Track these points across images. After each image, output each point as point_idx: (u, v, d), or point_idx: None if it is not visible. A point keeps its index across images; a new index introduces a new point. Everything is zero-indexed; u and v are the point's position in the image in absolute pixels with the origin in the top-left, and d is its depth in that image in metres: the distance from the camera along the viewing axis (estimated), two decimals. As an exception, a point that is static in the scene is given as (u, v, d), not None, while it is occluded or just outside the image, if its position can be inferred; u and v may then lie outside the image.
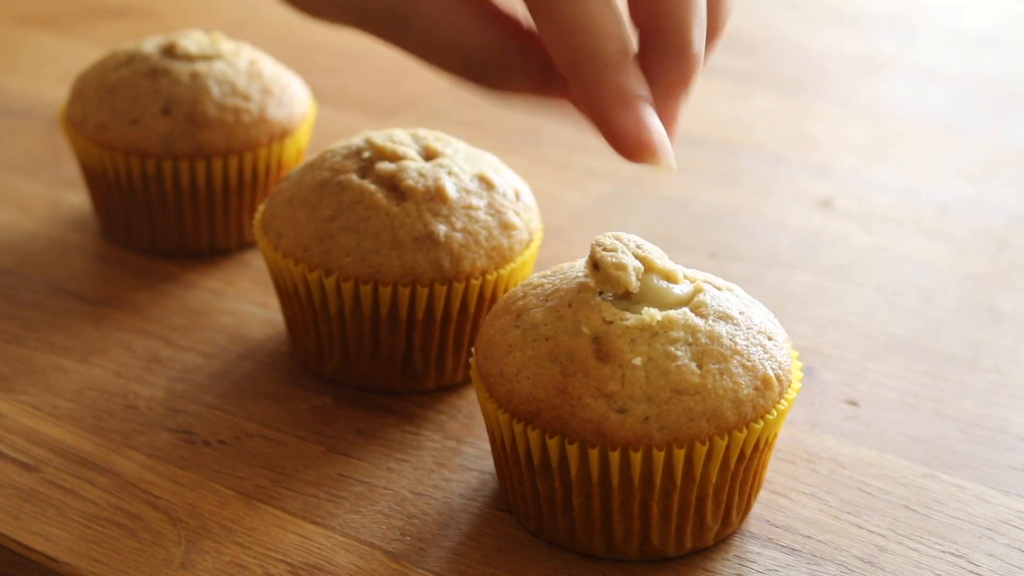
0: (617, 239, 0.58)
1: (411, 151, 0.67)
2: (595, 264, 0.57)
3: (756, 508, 0.61)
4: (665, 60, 0.52)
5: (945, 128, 0.95)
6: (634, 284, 0.57)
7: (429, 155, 0.67)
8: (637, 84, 0.51)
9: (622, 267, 0.57)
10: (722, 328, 0.57)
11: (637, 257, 0.57)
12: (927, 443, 0.65)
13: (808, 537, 0.59)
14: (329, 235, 0.65)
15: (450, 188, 0.65)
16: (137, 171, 0.75)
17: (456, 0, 0.52)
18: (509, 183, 0.68)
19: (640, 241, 0.58)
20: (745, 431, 0.56)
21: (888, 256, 0.80)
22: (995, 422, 0.66)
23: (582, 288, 0.58)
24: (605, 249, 0.57)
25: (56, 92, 0.94)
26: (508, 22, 0.53)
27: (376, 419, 0.66)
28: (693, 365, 0.56)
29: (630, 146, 0.51)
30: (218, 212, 0.77)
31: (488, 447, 0.64)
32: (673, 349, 0.56)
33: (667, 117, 0.53)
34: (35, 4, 1.10)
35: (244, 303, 0.74)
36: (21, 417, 0.66)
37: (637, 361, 0.55)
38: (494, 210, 0.66)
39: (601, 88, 0.51)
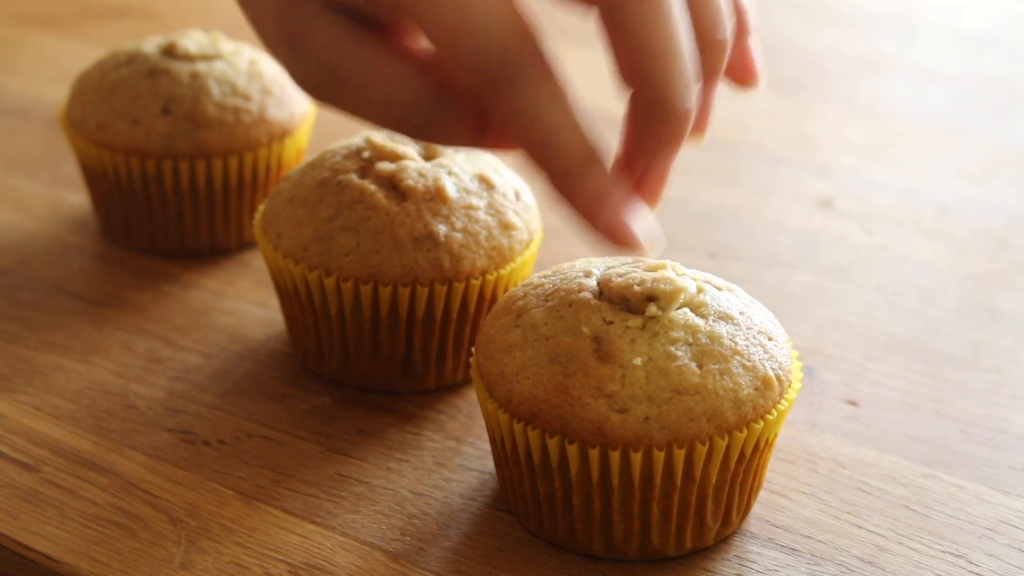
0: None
1: (411, 151, 0.67)
2: (650, 297, 0.57)
3: (756, 508, 0.61)
4: (650, 122, 0.51)
5: (945, 128, 0.95)
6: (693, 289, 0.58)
7: (429, 155, 0.67)
8: (606, 182, 0.51)
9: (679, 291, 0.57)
10: (722, 328, 0.57)
11: (644, 290, 0.57)
12: (927, 443, 0.65)
13: (808, 537, 0.59)
14: (329, 235, 0.65)
15: (450, 188, 0.65)
16: (137, 171, 0.75)
17: (383, 61, 0.53)
18: (509, 183, 0.68)
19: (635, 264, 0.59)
20: (745, 431, 0.56)
21: (888, 256, 0.80)
22: (995, 422, 0.66)
23: (582, 288, 0.58)
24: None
25: (56, 92, 0.94)
26: (440, 75, 0.52)
27: (376, 419, 0.66)
28: (693, 365, 0.56)
29: (614, 242, 0.52)
30: (218, 212, 0.77)
31: (488, 447, 0.64)
32: (673, 349, 0.56)
33: (655, 177, 0.53)
34: (35, 4, 1.10)
35: (244, 303, 0.74)
36: (21, 417, 0.66)
37: (637, 361, 0.55)
38: (494, 210, 0.66)
39: (574, 196, 0.52)
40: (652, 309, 0.56)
